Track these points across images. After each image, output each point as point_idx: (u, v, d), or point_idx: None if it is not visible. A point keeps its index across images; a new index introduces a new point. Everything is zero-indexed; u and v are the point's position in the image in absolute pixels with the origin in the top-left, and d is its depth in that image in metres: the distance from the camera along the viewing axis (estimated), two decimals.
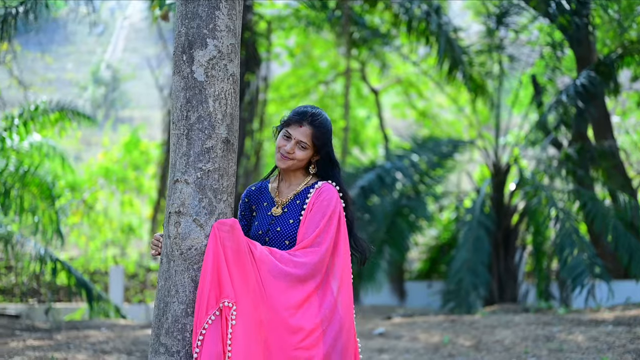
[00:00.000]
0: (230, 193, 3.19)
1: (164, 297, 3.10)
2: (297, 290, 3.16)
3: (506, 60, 13.70)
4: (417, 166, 13.17)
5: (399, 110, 22.32)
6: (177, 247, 3.08)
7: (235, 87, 3.17)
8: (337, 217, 3.33)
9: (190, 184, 3.08)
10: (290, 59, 20.79)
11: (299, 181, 3.50)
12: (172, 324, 3.06)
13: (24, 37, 31.98)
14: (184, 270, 3.08)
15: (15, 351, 7.61)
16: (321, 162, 3.50)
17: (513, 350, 7.27)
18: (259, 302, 3.08)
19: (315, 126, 3.44)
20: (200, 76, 3.08)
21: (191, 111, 3.09)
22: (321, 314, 3.18)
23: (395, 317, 10.76)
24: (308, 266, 3.20)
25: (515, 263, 12.98)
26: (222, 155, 3.12)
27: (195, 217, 3.08)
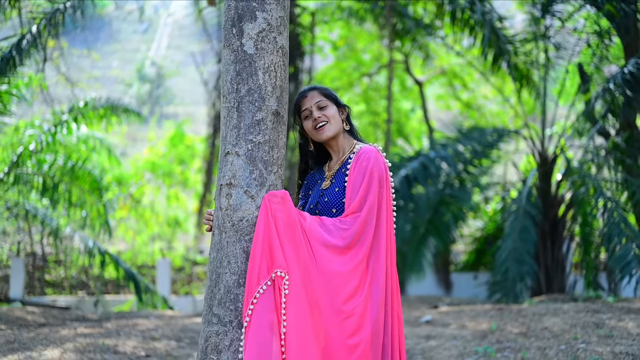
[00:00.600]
0: (280, 165, 3.21)
1: (216, 269, 3.14)
2: (346, 258, 3.16)
3: (552, 50, 13.53)
4: (462, 155, 13.09)
5: (443, 102, 22.18)
6: (228, 218, 3.11)
7: (284, 60, 3.19)
8: (377, 178, 3.29)
9: (241, 156, 3.11)
10: (333, 52, 20.79)
11: (345, 150, 3.52)
12: (224, 295, 3.10)
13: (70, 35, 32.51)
14: (236, 242, 3.11)
15: (66, 338, 7.74)
16: (348, 118, 3.58)
17: (562, 337, 7.20)
18: (311, 272, 3.09)
19: (316, 87, 3.53)
20: (249, 49, 3.11)
21: (241, 84, 3.12)
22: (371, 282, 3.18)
23: (441, 306, 10.72)
24: (353, 233, 3.19)
25: (562, 254, 12.83)
26: (272, 127, 3.15)
27: (246, 188, 3.11)
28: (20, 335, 7.99)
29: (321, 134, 3.46)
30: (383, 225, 3.25)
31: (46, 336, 7.90)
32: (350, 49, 20.54)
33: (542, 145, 13.16)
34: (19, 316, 10.42)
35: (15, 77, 12.31)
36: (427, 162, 12.63)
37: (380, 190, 3.28)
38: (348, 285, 3.12)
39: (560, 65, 14.15)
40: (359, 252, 3.17)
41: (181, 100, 48.12)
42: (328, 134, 3.46)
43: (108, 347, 7.26)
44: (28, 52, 11.71)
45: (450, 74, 20.18)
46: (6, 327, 9.13)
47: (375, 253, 3.21)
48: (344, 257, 3.15)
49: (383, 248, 3.22)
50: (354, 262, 3.15)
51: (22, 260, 15.91)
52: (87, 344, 7.31)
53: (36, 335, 7.98)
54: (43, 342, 7.47)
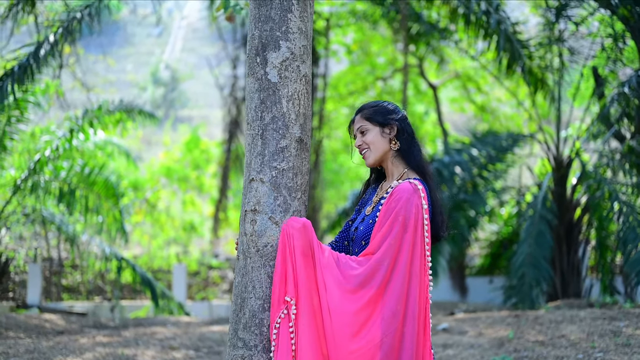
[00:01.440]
0: (304, 191, 3.26)
1: (241, 293, 3.20)
2: (353, 301, 3.09)
3: (566, 53, 13.51)
4: (476, 160, 13.09)
5: (457, 105, 22.17)
6: (253, 244, 3.17)
7: (307, 88, 3.25)
8: (401, 221, 3.15)
9: (265, 182, 3.16)
10: (347, 56, 20.82)
11: (393, 176, 3.39)
12: (249, 319, 3.16)
13: (85, 40, 32.58)
14: (261, 267, 3.16)
15: (85, 347, 7.81)
16: (400, 134, 3.39)
17: (579, 346, 7.21)
18: (322, 305, 3.08)
19: (361, 110, 3.43)
20: (273, 77, 3.16)
21: (265, 112, 3.17)
22: (380, 325, 3.09)
23: (458, 313, 10.74)
24: (362, 275, 3.11)
25: (578, 258, 12.80)
26: (296, 154, 3.19)
27: (270, 214, 3.16)
28: (40, 344, 8.07)
29: (365, 161, 3.40)
30: (401, 268, 3.12)
31: (65, 345, 7.98)
32: (365, 53, 20.56)
33: (557, 149, 13.14)
34: (37, 324, 10.50)
35: (33, 84, 12.41)
36: (442, 167, 12.64)
37: (405, 233, 3.14)
38: (353, 325, 3.07)
39: (575, 68, 14.13)
40: (366, 294, 3.10)
41: (195, 103, 48.27)
42: (369, 162, 3.37)
43: (127, 357, 7.32)
44: (45, 60, 11.80)
45: (465, 77, 20.18)
46: (25, 335, 9.21)
47: (388, 295, 3.12)
48: (352, 296, 3.09)
49: (397, 290, 3.11)
50: (360, 303, 3.09)
51: (39, 266, 16.01)
52: (106, 353, 7.38)
53: (55, 344, 8.05)
54: (62, 351, 7.54)
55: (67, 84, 19.79)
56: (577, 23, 13.67)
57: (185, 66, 50.91)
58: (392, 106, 3.47)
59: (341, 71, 21.42)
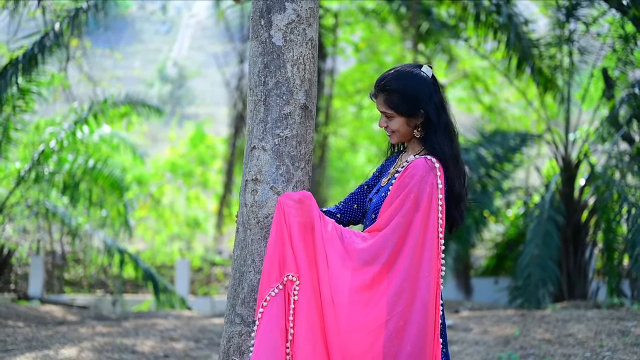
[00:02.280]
0: (308, 160, 3.12)
1: (240, 267, 3.06)
2: (356, 278, 2.92)
3: (576, 54, 13.37)
4: (484, 159, 12.95)
5: (465, 105, 22.01)
6: (253, 215, 3.04)
7: (314, 52, 3.11)
8: (412, 199, 2.97)
9: (267, 150, 3.03)
10: (355, 54, 20.69)
11: (413, 152, 3.21)
12: (248, 294, 3.02)
13: (93, 34, 32.59)
14: (261, 239, 3.03)
15: (84, 337, 7.71)
16: (425, 122, 3.17)
17: (587, 344, 7.07)
18: (323, 282, 2.92)
19: (385, 90, 3.15)
20: (278, 41, 3.02)
21: (269, 76, 3.03)
22: (386, 304, 2.91)
23: (463, 311, 10.60)
24: (368, 253, 2.94)
25: (585, 260, 12.66)
26: (300, 121, 3.06)
27: (272, 184, 3.03)
28: (39, 333, 7.97)
29: (390, 139, 3.28)
30: (410, 248, 2.95)
31: (64, 334, 7.87)
32: (373, 51, 20.42)
33: (565, 150, 13.00)
34: (38, 314, 10.42)
35: (38, 75, 12.35)
36: None
37: (416, 212, 2.97)
38: (356, 303, 2.91)
39: (584, 69, 14.00)
40: (371, 271, 2.93)
41: (202, 100, 48.21)
42: (392, 142, 3.26)
43: (126, 346, 7.21)
44: (50, 51, 11.74)
45: (473, 77, 20.02)
46: (25, 324, 9.13)
47: (395, 274, 2.95)
48: (356, 273, 2.93)
49: (405, 270, 2.94)
50: (364, 280, 2.93)
51: (41, 259, 15.94)
52: (105, 342, 7.26)
53: (54, 334, 7.95)
54: (61, 340, 7.44)
55: (73, 77, 19.73)
56: (587, 24, 13.54)
57: (193, 64, 50.88)
58: (416, 83, 3.18)
59: (348, 69, 21.30)
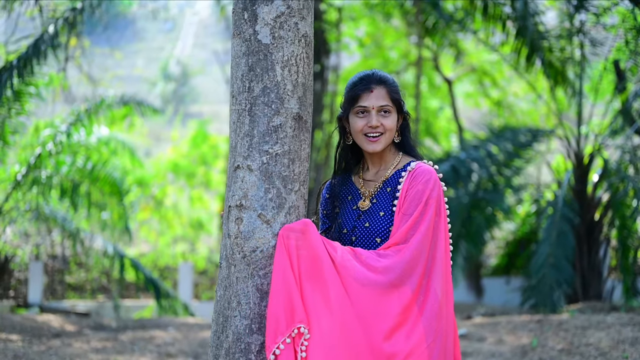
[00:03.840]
0: (303, 182, 2.63)
1: (224, 310, 2.55)
2: (390, 301, 2.54)
3: (587, 47, 12.96)
4: (494, 157, 12.54)
5: (472, 100, 21.61)
6: (238, 248, 2.53)
7: (308, 52, 2.61)
8: (435, 202, 2.72)
9: (254, 170, 2.53)
10: (360, 50, 20.31)
11: (388, 164, 2.91)
12: (233, 344, 2.51)
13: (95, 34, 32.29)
14: (247, 277, 2.52)
15: (77, 353, 7.32)
16: (404, 126, 2.95)
17: (609, 355, 6.64)
18: (345, 316, 2.49)
19: (386, 83, 2.89)
20: (265, 38, 2.53)
21: (254, 81, 2.53)
22: (423, 328, 2.57)
23: (475, 317, 10.17)
24: (397, 269, 2.58)
25: (599, 258, 12.26)
26: (292, 135, 2.57)
27: (260, 211, 2.53)
28: (30, 348, 7.59)
29: (371, 145, 2.84)
30: (440, 260, 2.67)
31: (57, 350, 7.48)
32: (377, 47, 20.02)
33: (577, 145, 12.59)
34: (34, 325, 10.04)
35: (32, 77, 12.03)
36: (458, 164, 12.11)
37: (438, 220, 2.71)
38: (394, 338, 2.53)
39: (595, 62, 13.61)
40: (407, 292, 2.57)
41: (206, 98, 47.84)
42: (378, 148, 2.85)
43: None
44: (45, 52, 11.42)
45: (480, 71, 19.61)
46: (19, 337, 8.74)
47: (430, 289, 2.64)
48: (388, 299, 2.54)
49: (437, 289, 2.64)
50: (401, 304, 2.56)
51: (40, 264, 15.61)
52: None
53: (47, 349, 7.57)
54: (52, 357, 7.05)
55: (74, 78, 19.40)
56: (597, 15, 13.15)
57: (197, 62, 50.50)
58: None
59: (353, 65, 20.88)
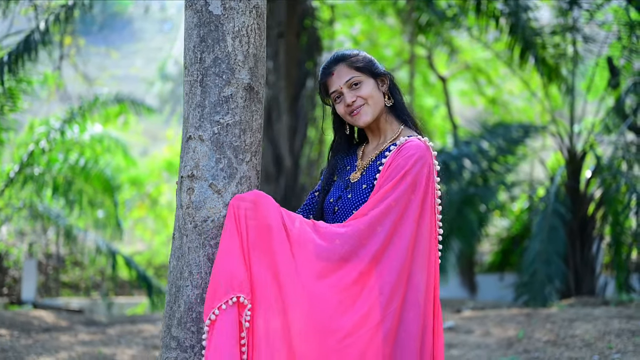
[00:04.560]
0: (255, 152, 2.62)
1: (176, 281, 2.55)
2: (340, 274, 2.49)
3: (580, 44, 12.95)
4: (486, 153, 12.56)
5: (467, 98, 21.61)
6: (190, 218, 2.54)
7: (259, 22, 2.60)
8: (412, 178, 2.61)
9: (205, 141, 2.52)
10: (354, 47, 20.28)
11: (386, 136, 2.85)
12: (184, 313, 2.51)
13: (92, 34, 32.24)
14: (199, 247, 2.52)
15: (63, 346, 7.33)
16: (390, 87, 2.88)
17: (595, 346, 6.64)
18: (294, 291, 2.45)
19: (344, 57, 2.84)
20: (216, 9, 2.52)
21: (206, 52, 2.53)
22: (379, 305, 2.49)
23: (465, 311, 10.18)
24: (348, 242, 2.52)
25: (592, 254, 12.27)
26: (243, 105, 2.55)
27: (211, 181, 2.52)
28: (18, 342, 7.59)
29: (358, 119, 2.80)
30: (404, 238, 2.57)
31: (43, 344, 7.48)
32: (372, 44, 20.01)
33: (570, 141, 12.60)
34: (25, 320, 10.05)
35: (25, 74, 12.06)
36: (450, 160, 12.14)
37: (412, 195, 2.61)
38: (340, 302, 2.47)
39: (590, 59, 13.60)
40: (358, 265, 2.51)
41: None
42: (366, 119, 2.80)
43: (105, 356, 6.82)
44: (36, 49, 11.43)
45: (475, 69, 19.60)
46: (8, 332, 8.75)
47: (386, 266, 2.54)
48: (340, 270, 2.50)
49: (398, 263, 2.55)
50: (350, 278, 2.50)
51: (34, 262, 15.63)
52: (83, 352, 6.87)
53: (34, 343, 7.58)
54: (38, 350, 7.05)
55: (70, 76, 19.39)
56: (591, 11, 13.16)
57: None
58: (362, 52, 2.94)
59: None
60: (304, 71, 14.14)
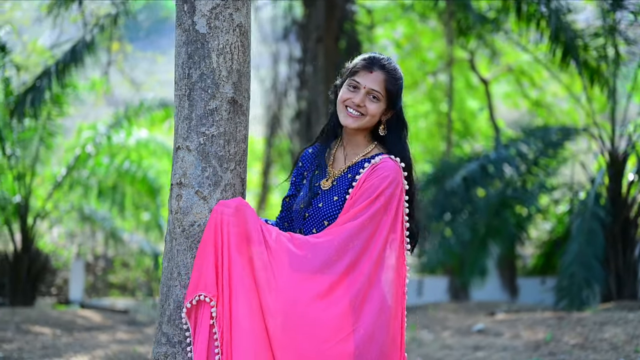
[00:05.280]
0: (239, 161, 2.80)
1: (167, 281, 2.75)
2: (318, 281, 2.64)
3: (622, 45, 12.83)
4: (525, 156, 12.52)
5: (511, 101, 21.47)
6: (178, 223, 2.73)
7: (243, 40, 2.78)
8: (385, 199, 2.76)
9: (192, 151, 2.71)
10: (397, 51, 20.34)
11: (359, 150, 2.97)
12: (174, 311, 2.71)
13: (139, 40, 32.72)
14: (187, 250, 2.72)
15: (100, 344, 7.59)
16: (393, 121, 2.97)
17: (622, 349, 6.66)
18: (268, 294, 2.61)
19: (389, 71, 2.90)
20: (202, 28, 2.71)
21: (193, 68, 2.72)
22: (353, 306, 2.64)
23: (498, 313, 10.19)
24: (324, 248, 2.68)
25: (634, 258, 12.15)
26: (227, 117, 2.73)
27: (197, 188, 2.71)
28: (58, 340, 7.89)
29: (347, 119, 2.91)
30: (373, 255, 2.72)
31: (83, 342, 7.75)
32: (415, 48, 20.06)
33: (612, 144, 12.49)
34: (69, 319, 10.38)
35: (72, 79, 12.38)
36: (487, 163, 12.14)
37: (384, 216, 2.76)
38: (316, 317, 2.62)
39: (633, 61, 13.46)
40: (333, 272, 2.67)
41: None
42: (351, 124, 2.91)
43: (139, 354, 7.04)
44: (82, 58, 11.74)
45: (518, 71, 19.50)
46: (51, 330, 9.06)
47: (354, 281, 2.69)
48: (314, 280, 2.64)
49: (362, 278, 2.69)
50: (325, 284, 2.65)
51: (81, 263, 16.00)
52: (118, 350, 7.11)
53: (74, 341, 7.86)
54: (76, 347, 7.31)
55: (118, 81, 19.81)
56: (635, 12, 13.01)
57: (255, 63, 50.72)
58: (401, 77, 3.00)
59: None
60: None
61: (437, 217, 12.21)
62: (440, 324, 8.75)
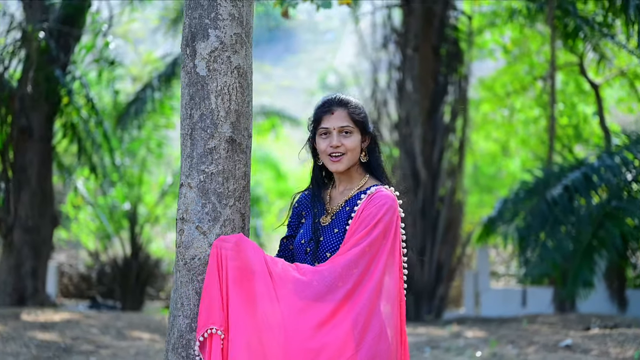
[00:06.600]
0: (238, 197, 2.93)
1: (173, 311, 2.94)
2: (320, 308, 2.75)
3: None
4: (630, 163, 12.07)
5: (625, 105, 20.74)
6: (181, 256, 2.89)
7: (242, 81, 2.92)
8: (384, 226, 2.88)
9: (193, 187, 2.87)
10: (505, 56, 20.06)
11: (353, 184, 3.10)
12: (177, 340, 2.88)
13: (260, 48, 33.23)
14: (188, 282, 2.88)
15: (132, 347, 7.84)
16: (371, 146, 3.12)
17: None
18: (272, 331, 2.71)
19: (347, 104, 3.06)
20: (202, 70, 2.87)
21: (194, 109, 2.88)
22: (355, 329, 2.74)
23: (593, 328, 9.87)
24: (326, 275, 2.80)
25: None
26: (226, 156, 2.88)
27: (198, 224, 2.87)
28: (152, 347, 8.17)
29: (334, 165, 3.05)
30: (372, 283, 2.82)
31: None
32: (523, 52, 19.71)
33: None
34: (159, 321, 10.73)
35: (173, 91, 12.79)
36: (590, 172, 11.78)
37: (385, 243, 2.88)
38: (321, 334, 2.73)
39: None
40: (335, 297, 2.78)
41: None
42: (341, 168, 3.05)
43: None
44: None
45: (631, 74, 18.82)
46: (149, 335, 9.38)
47: (362, 295, 2.80)
48: (318, 306, 2.75)
49: (364, 306, 2.78)
50: (329, 309, 2.76)
51: None
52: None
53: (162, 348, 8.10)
54: None
55: None
56: None
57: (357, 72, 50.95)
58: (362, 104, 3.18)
59: (497, 71, 20.62)
60: (442, 82, 14.20)
61: (537, 227, 11.97)
62: (529, 338, 8.57)
